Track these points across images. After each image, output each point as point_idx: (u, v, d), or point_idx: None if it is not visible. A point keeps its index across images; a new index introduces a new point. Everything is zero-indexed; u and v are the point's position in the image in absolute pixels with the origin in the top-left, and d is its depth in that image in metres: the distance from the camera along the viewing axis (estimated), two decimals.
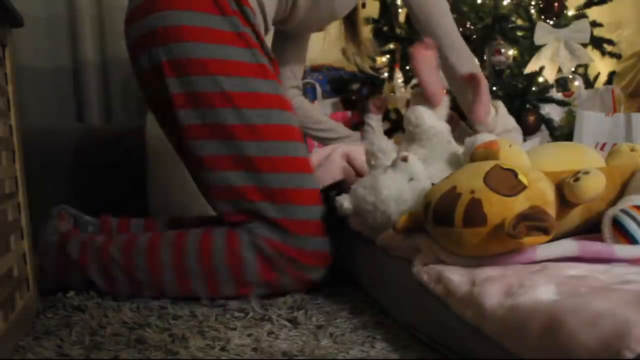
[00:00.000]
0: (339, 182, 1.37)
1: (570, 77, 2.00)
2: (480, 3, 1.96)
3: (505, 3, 1.95)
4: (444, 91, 1.27)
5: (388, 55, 2.08)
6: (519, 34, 1.92)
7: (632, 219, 0.81)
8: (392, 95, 2.08)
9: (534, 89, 1.85)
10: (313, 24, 1.51)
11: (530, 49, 1.91)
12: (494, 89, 1.83)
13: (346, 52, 1.65)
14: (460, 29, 1.53)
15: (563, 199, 0.85)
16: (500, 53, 1.84)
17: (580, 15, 1.95)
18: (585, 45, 1.90)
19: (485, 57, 1.88)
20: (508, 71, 1.91)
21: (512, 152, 0.93)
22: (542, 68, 1.88)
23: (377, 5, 2.05)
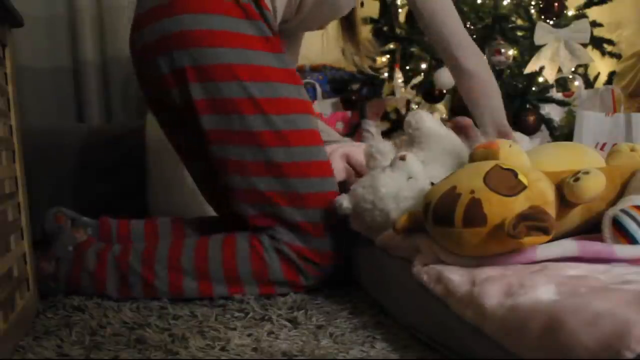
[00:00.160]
0: (340, 182, 1.37)
1: (570, 77, 2.00)
2: (480, 3, 1.96)
3: (505, 3, 1.95)
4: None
5: (388, 55, 2.08)
6: (519, 34, 1.92)
7: (632, 219, 0.81)
8: (390, 97, 2.08)
9: (534, 89, 1.85)
10: (314, 22, 1.50)
11: (530, 49, 1.91)
12: None
13: (345, 52, 1.64)
14: None
15: (563, 199, 0.85)
16: (500, 53, 1.84)
17: (580, 15, 1.95)
18: (585, 45, 1.91)
19: (485, 57, 1.89)
20: (508, 71, 1.91)
21: (512, 152, 0.93)
22: (542, 68, 1.88)
23: (377, 5, 2.05)
